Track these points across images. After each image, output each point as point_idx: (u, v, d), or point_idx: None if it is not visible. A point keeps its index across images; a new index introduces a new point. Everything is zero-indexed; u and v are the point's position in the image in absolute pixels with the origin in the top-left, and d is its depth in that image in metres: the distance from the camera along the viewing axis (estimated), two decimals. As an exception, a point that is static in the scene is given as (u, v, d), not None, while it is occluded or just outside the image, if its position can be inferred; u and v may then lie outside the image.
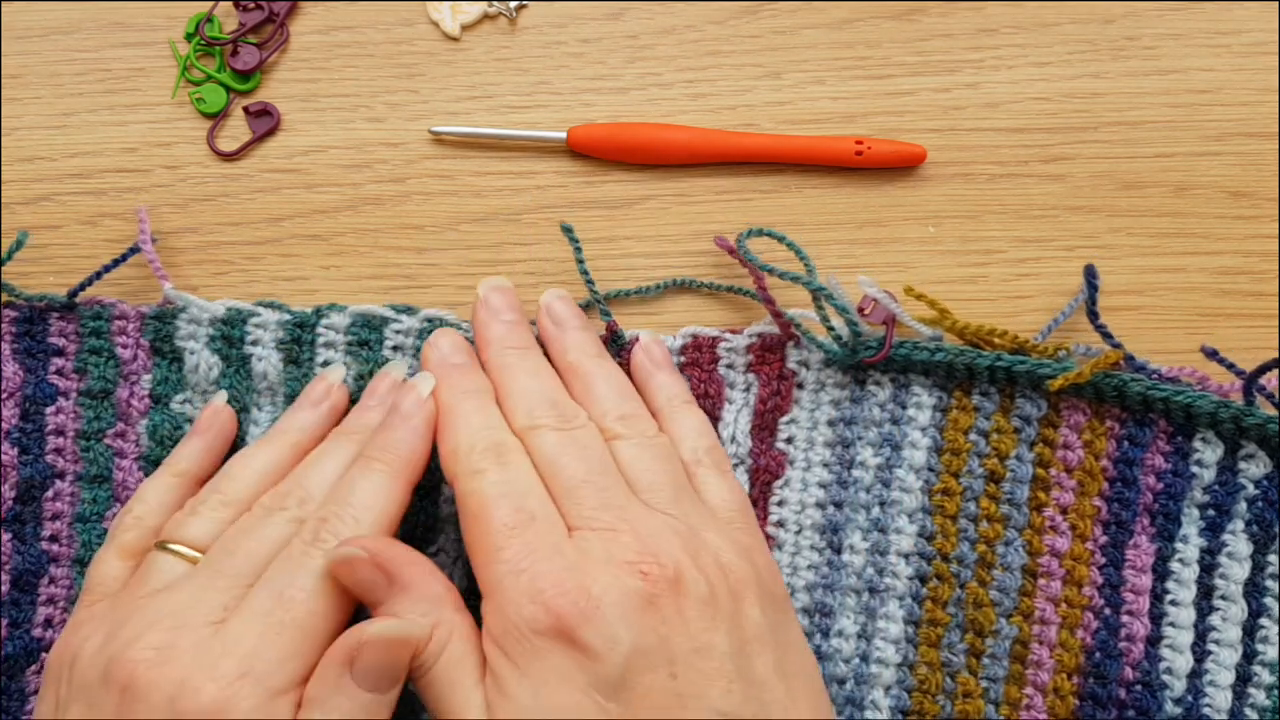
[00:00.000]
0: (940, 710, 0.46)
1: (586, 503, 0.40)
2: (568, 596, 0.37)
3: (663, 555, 0.39)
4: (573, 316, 0.48)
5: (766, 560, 0.43)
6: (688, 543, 0.40)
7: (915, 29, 0.54)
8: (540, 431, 0.43)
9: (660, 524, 0.40)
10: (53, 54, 0.54)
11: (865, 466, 0.48)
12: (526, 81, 0.54)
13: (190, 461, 0.47)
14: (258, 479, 0.44)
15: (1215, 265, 0.51)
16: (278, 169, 0.53)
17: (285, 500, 0.42)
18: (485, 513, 0.40)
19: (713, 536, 0.41)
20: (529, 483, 0.41)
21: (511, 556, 0.39)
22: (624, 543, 0.39)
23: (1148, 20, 0.53)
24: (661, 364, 0.48)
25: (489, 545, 0.39)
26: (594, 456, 0.42)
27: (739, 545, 0.42)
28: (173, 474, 0.46)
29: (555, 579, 0.38)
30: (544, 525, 0.40)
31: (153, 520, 0.45)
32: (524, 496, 0.40)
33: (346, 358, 0.49)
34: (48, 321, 0.50)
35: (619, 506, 0.41)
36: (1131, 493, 0.46)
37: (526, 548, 0.39)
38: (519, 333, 0.47)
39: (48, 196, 0.52)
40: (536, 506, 0.40)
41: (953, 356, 0.47)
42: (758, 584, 0.41)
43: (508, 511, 0.40)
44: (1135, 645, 0.46)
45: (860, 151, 0.51)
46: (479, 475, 0.41)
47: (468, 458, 0.42)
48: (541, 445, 0.42)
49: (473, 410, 0.43)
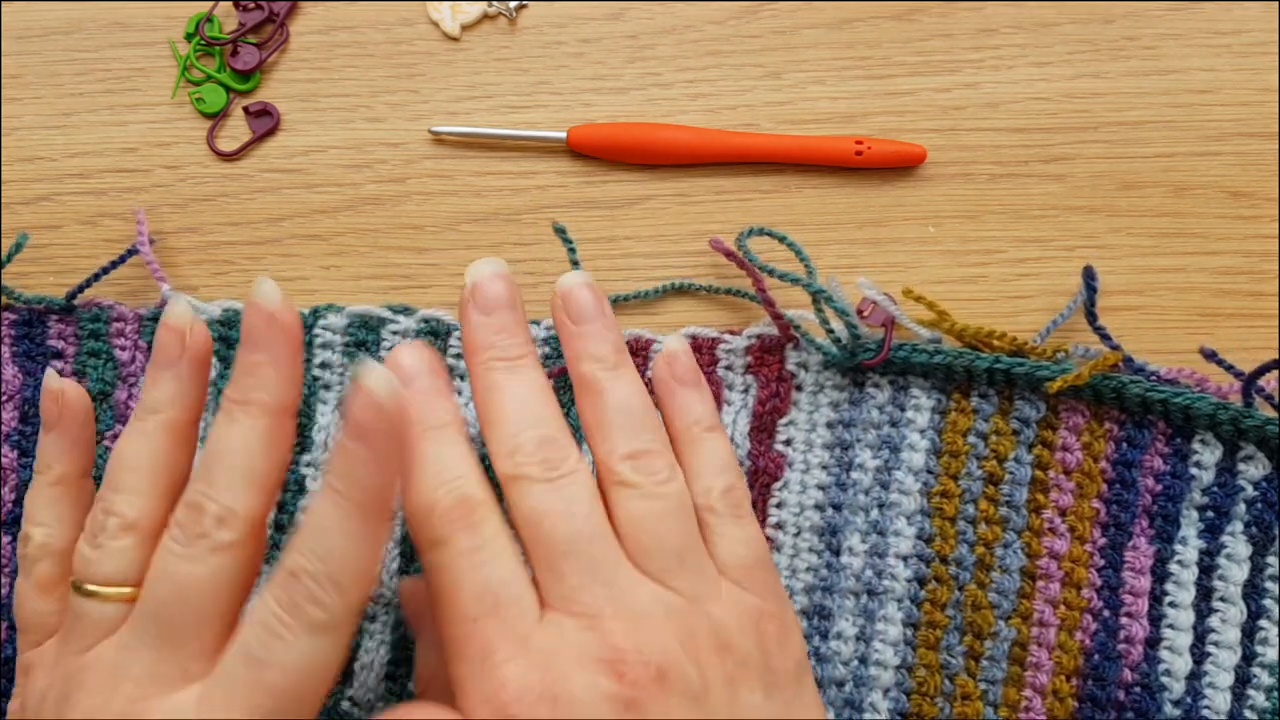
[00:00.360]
0: (939, 712, 0.46)
1: (567, 578, 0.36)
2: (531, 706, 0.33)
3: (647, 645, 0.35)
4: (595, 313, 0.41)
5: (779, 624, 0.38)
6: (682, 623, 0.36)
7: (915, 29, 0.54)
8: (521, 483, 0.37)
9: (652, 602, 0.36)
10: (53, 54, 0.54)
11: (864, 468, 0.48)
12: (526, 81, 0.54)
13: (61, 464, 0.41)
14: (144, 484, 0.38)
15: (1215, 265, 0.51)
16: (278, 169, 0.53)
17: (201, 521, 0.35)
18: (447, 595, 0.36)
19: (716, 609, 0.37)
20: (496, 554, 0.36)
21: (473, 655, 0.35)
22: (604, 631, 0.35)
23: (1148, 20, 0.53)
24: (686, 379, 0.43)
25: (453, 634, 0.35)
26: (581, 517, 0.37)
27: (746, 614, 0.38)
28: (51, 483, 0.41)
29: (517, 686, 0.34)
30: (511, 611, 0.35)
31: (59, 542, 0.40)
32: (489, 575, 0.35)
33: (344, 359, 0.49)
34: (46, 324, 0.50)
35: (605, 582, 0.36)
36: (1130, 494, 0.46)
37: (488, 644, 0.34)
38: (511, 339, 0.40)
39: (48, 196, 0.52)
40: (503, 588, 0.35)
41: (951, 358, 0.47)
42: (763, 662, 0.37)
43: (470, 597, 0.35)
44: (1134, 647, 0.46)
45: (860, 151, 0.51)
46: (440, 547, 0.36)
47: (427, 521, 0.36)
48: (522, 499, 0.37)
49: (434, 455, 0.38)
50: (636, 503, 0.38)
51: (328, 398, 0.49)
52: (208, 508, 0.35)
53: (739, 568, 0.39)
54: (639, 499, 0.38)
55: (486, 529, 0.36)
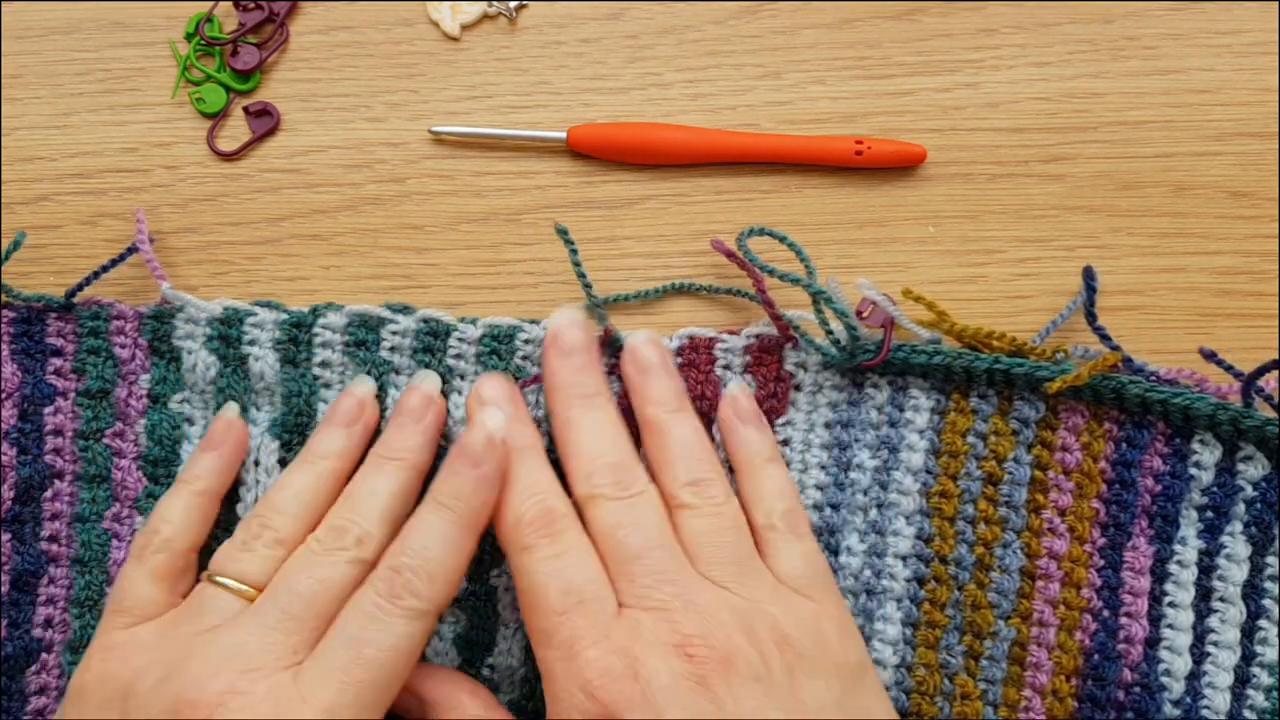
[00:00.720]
0: (938, 712, 0.46)
1: (640, 579, 0.40)
2: (615, 684, 0.37)
3: (714, 634, 0.39)
4: (657, 365, 0.47)
5: (838, 624, 0.42)
6: (744, 618, 0.40)
7: (915, 29, 0.54)
8: (596, 502, 0.42)
9: (716, 599, 0.40)
10: (53, 54, 0.54)
11: (862, 468, 0.48)
12: (526, 81, 0.54)
13: (208, 479, 0.46)
14: (303, 511, 0.44)
15: (1215, 265, 0.51)
16: (278, 169, 0.53)
17: (343, 538, 0.42)
18: (535, 594, 0.40)
19: (774, 609, 0.41)
20: (578, 559, 0.41)
21: (560, 642, 0.39)
22: (674, 622, 0.39)
23: (1148, 20, 0.53)
24: (746, 418, 0.47)
25: (540, 628, 0.40)
26: (651, 528, 0.42)
27: (804, 615, 0.41)
28: (193, 492, 0.46)
29: (602, 666, 0.38)
30: (593, 607, 0.40)
31: (182, 543, 0.45)
32: (573, 577, 0.40)
33: (344, 358, 0.49)
34: (45, 322, 0.50)
35: (673, 582, 0.40)
36: (1130, 495, 0.46)
37: (574, 633, 0.39)
38: (588, 378, 0.45)
39: (47, 196, 0.52)
40: (585, 586, 0.40)
41: (951, 359, 0.47)
42: (821, 655, 0.40)
43: (556, 594, 0.40)
44: (1134, 647, 0.46)
45: (860, 151, 0.51)
46: (528, 552, 0.41)
47: (516, 530, 0.42)
48: (598, 515, 0.42)
49: (522, 472, 0.43)
50: (698, 521, 0.43)
51: (328, 396, 0.49)
52: (351, 530, 0.42)
53: (797, 578, 0.43)
54: (700, 518, 0.43)
55: (569, 537, 0.42)
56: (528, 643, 0.47)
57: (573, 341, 0.46)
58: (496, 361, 0.48)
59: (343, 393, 0.48)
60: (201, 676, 0.38)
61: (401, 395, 0.47)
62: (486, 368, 0.48)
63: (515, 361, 0.49)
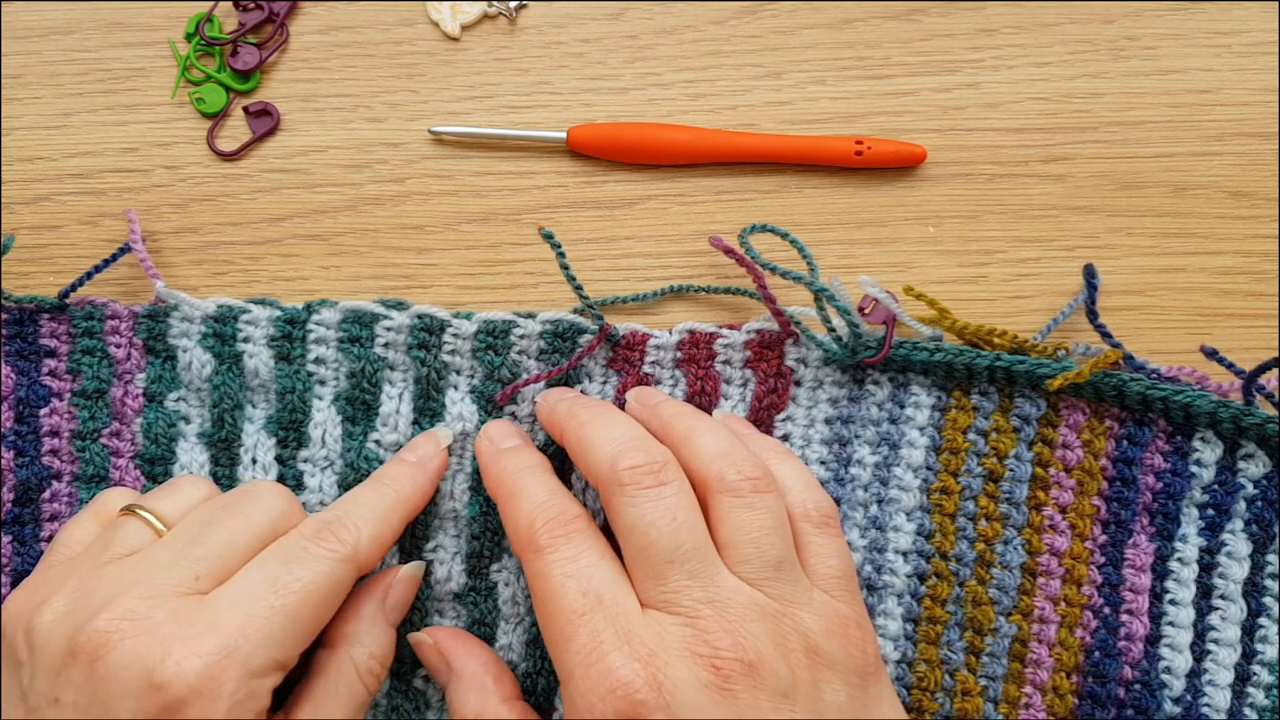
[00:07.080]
0: (939, 708, 0.46)
1: (670, 581, 0.39)
2: (639, 694, 0.36)
3: (742, 644, 0.38)
4: (660, 396, 0.47)
5: (862, 632, 0.41)
6: (775, 625, 0.39)
7: (915, 29, 0.54)
8: (626, 492, 0.40)
9: (748, 604, 0.39)
10: (53, 54, 0.54)
11: (863, 465, 0.48)
12: (526, 81, 0.54)
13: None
14: None
15: (1215, 265, 0.51)
16: (278, 169, 0.53)
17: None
18: (551, 596, 0.39)
19: (807, 614, 0.40)
20: (596, 559, 0.40)
21: (580, 646, 0.38)
22: (702, 629, 0.38)
23: (1148, 20, 0.53)
24: (745, 432, 0.47)
25: (558, 632, 0.39)
26: (682, 522, 0.40)
27: (834, 621, 0.40)
28: None
29: (626, 674, 0.37)
30: (612, 608, 0.38)
31: None
32: (590, 576, 0.39)
33: (338, 354, 0.49)
34: (38, 323, 0.50)
35: (704, 585, 0.39)
36: (1131, 492, 0.46)
37: (595, 637, 0.38)
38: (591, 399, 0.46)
39: (47, 196, 0.52)
40: (604, 586, 0.39)
41: (952, 356, 0.47)
42: (846, 660, 0.39)
43: (574, 595, 0.39)
44: (1134, 644, 0.46)
45: (860, 151, 0.51)
46: (542, 554, 0.40)
47: (530, 532, 0.41)
48: (626, 509, 0.40)
49: (532, 484, 0.43)
50: (736, 510, 0.41)
51: (323, 393, 0.49)
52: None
53: (830, 578, 0.42)
54: (737, 507, 0.41)
55: (585, 537, 0.41)
56: (528, 638, 0.47)
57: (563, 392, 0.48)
58: (492, 357, 0.48)
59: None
60: (100, 604, 0.37)
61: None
62: (482, 363, 0.48)
63: (511, 356, 0.48)
